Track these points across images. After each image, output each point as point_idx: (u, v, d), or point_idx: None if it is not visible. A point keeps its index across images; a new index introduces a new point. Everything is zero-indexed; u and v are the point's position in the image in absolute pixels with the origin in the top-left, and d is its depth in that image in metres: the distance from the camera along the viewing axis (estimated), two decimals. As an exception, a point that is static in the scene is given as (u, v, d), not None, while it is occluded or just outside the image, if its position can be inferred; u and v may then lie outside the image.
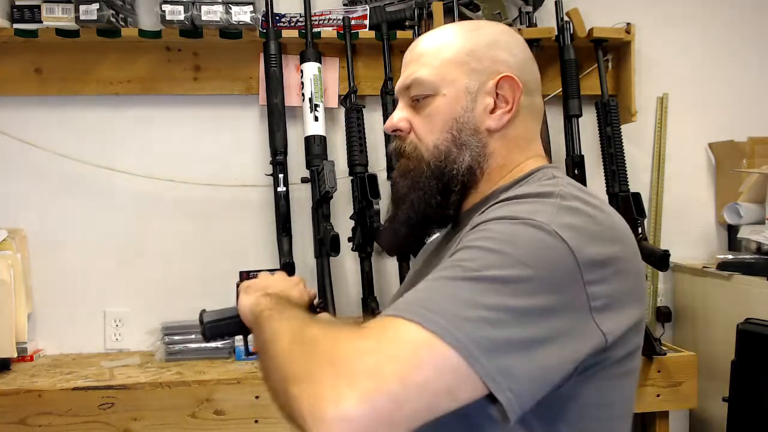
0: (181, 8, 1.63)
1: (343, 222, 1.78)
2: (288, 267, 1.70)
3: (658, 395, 1.67)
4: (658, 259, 1.64)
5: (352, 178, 1.75)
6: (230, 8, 1.66)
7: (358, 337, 0.64)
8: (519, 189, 0.81)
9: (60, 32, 1.66)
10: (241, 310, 0.93)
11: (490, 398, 0.63)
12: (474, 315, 0.63)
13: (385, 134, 1.77)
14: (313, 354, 0.64)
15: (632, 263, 0.75)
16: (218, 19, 1.65)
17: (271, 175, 1.73)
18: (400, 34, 1.78)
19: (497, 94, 0.86)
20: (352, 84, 1.77)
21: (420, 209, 0.88)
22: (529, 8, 1.85)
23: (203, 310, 1.00)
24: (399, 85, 0.91)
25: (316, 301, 1.01)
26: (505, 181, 0.87)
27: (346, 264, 1.86)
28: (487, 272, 0.66)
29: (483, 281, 0.65)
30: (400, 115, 0.90)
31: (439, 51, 0.87)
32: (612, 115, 1.80)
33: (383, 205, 1.71)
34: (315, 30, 1.77)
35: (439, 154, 0.86)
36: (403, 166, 0.90)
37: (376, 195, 1.69)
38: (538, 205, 0.73)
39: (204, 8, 1.64)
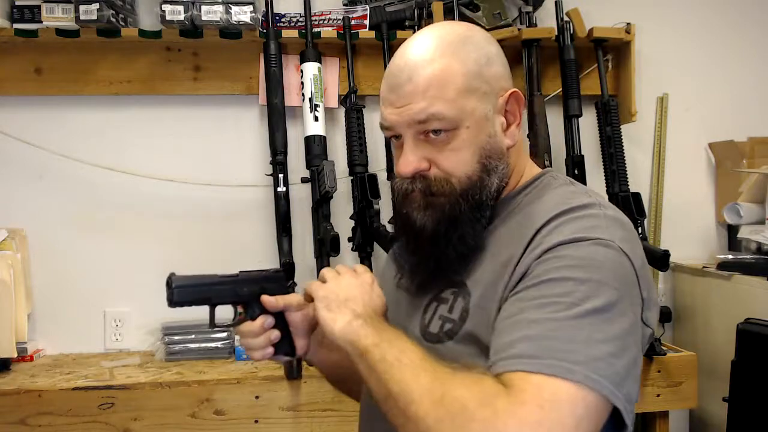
0: (181, 8, 1.63)
1: (343, 222, 1.78)
2: (288, 267, 1.70)
3: (658, 395, 1.67)
4: (658, 260, 1.64)
5: (352, 178, 1.75)
6: (230, 8, 1.66)
7: (517, 403, 0.65)
8: (546, 200, 0.84)
9: (60, 32, 1.66)
10: (331, 332, 0.83)
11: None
12: (600, 353, 0.68)
13: (386, 141, 1.77)
14: (470, 426, 0.65)
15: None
16: (218, 19, 1.65)
17: (271, 175, 1.73)
18: (400, 34, 1.78)
19: (506, 111, 0.86)
20: (352, 84, 1.77)
21: (471, 243, 0.85)
22: (529, 8, 1.85)
23: (172, 273, 0.96)
24: (403, 120, 0.84)
25: None
26: (512, 188, 0.89)
27: (346, 264, 1.85)
28: (588, 305, 0.71)
29: (589, 315, 0.70)
30: (417, 154, 0.84)
31: (447, 80, 0.82)
32: (612, 115, 1.81)
33: (383, 206, 1.72)
34: (315, 30, 1.77)
35: (473, 185, 0.84)
36: (430, 203, 0.85)
37: (376, 195, 1.69)
38: (591, 219, 0.78)
39: (204, 8, 1.64)
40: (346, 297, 0.86)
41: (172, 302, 0.94)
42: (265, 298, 0.97)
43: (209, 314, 0.97)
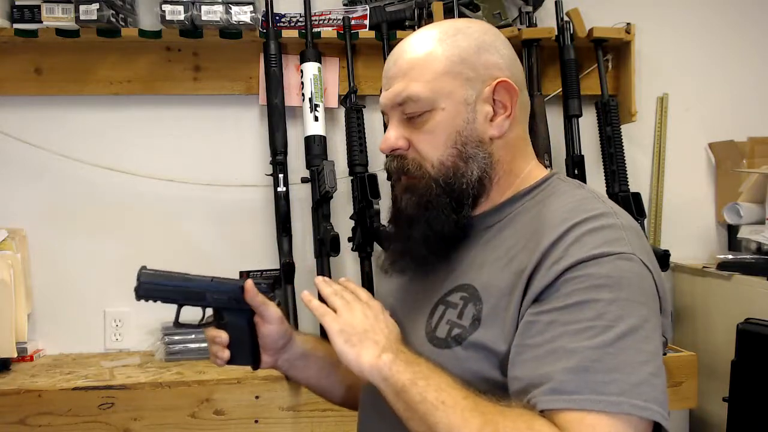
0: (181, 8, 1.63)
1: (343, 222, 1.78)
2: (288, 267, 1.70)
3: (658, 395, 1.67)
4: (658, 259, 1.61)
5: (352, 178, 1.75)
6: (230, 8, 1.66)
7: None
8: (558, 205, 0.82)
9: (60, 32, 1.66)
10: (358, 368, 0.80)
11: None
12: (642, 376, 0.68)
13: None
14: None
15: None
16: (218, 19, 1.65)
17: (271, 175, 1.73)
18: (400, 34, 1.78)
19: (494, 100, 0.85)
20: (352, 84, 1.77)
21: (437, 228, 0.85)
22: (529, 8, 1.85)
23: (143, 267, 0.96)
24: (387, 100, 0.87)
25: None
26: (518, 189, 0.88)
27: (346, 264, 1.86)
28: (622, 326, 0.70)
29: (625, 337, 0.70)
30: (396, 133, 0.87)
31: (428, 63, 0.84)
32: (612, 115, 1.81)
33: (383, 206, 1.72)
34: (315, 30, 1.77)
35: (446, 171, 0.84)
36: (410, 185, 0.87)
37: (376, 195, 1.69)
38: (611, 231, 0.77)
39: (204, 8, 1.64)
40: (365, 328, 0.83)
41: (138, 296, 0.95)
42: (248, 286, 0.96)
43: (175, 313, 0.98)
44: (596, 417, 0.66)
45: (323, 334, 0.87)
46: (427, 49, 0.85)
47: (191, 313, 1.01)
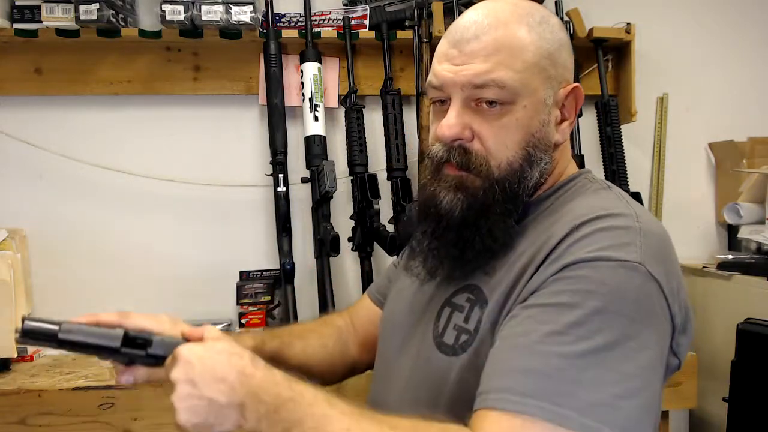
0: (181, 8, 1.63)
1: (343, 222, 1.78)
2: (290, 267, 1.70)
3: (658, 395, 1.67)
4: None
5: (352, 178, 1.75)
6: (230, 8, 1.66)
7: None
8: (576, 205, 0.77)
9: (60, 32, 1.66)
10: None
11: None
12: (601, 398, 0.62)
13: (386, 141, 1.77)
14: None
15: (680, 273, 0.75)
16: (218, 19, 1.65)
17: (271, 175, 1.73)
18: (400, 34, 1.78)
19: (562, 105, 0.79)
20: (352, 84, 1.77)
21: (501, 239, 0.77)
22: (529, 8, 1.85)
23: (24, 318, 0.79)
24: (458, 79, 0.75)
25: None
26: (547, 188, 0.82)
27: (346, 264, 1.86)
28: (600, 339, 0.64)
29: (600, 352, 0.64)
30: (462, 120, 0.76)
31: (518, 49, 0.75)
32: (612, 115, 1.81)
33: (383, 206, 1.72)
34: (315, 30, 1.77)
35: (513, 174, 0.77)
36: (466, 184, 0.77)
37: (376, 195, 1.70)
38: (621, 233, 0.70)
39: (204, 8, 1.64)
40: (212, 378, 0.67)
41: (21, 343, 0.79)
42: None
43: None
44: (541, 425, 0.61)
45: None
46: (516, 33, 0.75)
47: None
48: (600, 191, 0.80)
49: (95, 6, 1.59)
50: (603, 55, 1.86)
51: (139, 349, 0.77)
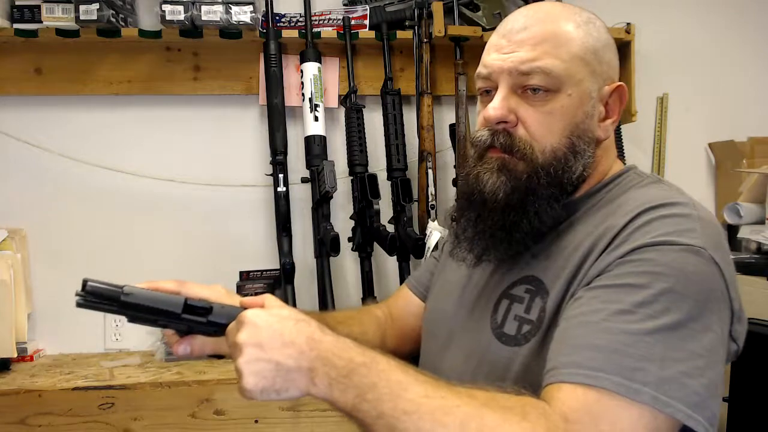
0: (181, 8, 1.63)
1: (343, 222, 1.78)
2: (289, 266, 1.70)
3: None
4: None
5: (352, 178, 1.75)
6: (230, 8, 1.66)
7: (572, 422, 0.62)
8: (633, 197, 0.78)
9: (60, 32, 1.66)
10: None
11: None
12: (673, 372, 0.64)
13: (386, 141, 1.77)
14: None
15: None
16: (218, 19, 1.65)
17: (271, 175, 1.73)
18: (400, 34, 1.78)
19: (606, 102, 0.82)
20: (352, 84, 1.77)
21: (548, 222, 0.79)
22: (529, 8, 1.85)
23: (87, 279, 0.76)
24: (506, 66, 0.78)
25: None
26: (594, 184, 0.84)
27: (346, 264, 1.86)
28: (666, 318, 0.66)
29: (667, 330, 0.65)
30: (507, 104, 0.79)
31: (565, 41, 0.78)
32: (612, 115, 1.80)
33: (383, 206, 1.72)
34: (315, 30, 1.77)
35: (557, 160, 0.78)
36: (510, 167, 0.79)
37: (376, 195, 1.70)
38: (683, 220, 0.72)
39: (204, 8, 1.64)
40: (285, 342, 0.67)
41: (79, 304, 0.76)
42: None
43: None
44: (613, 399, 0.62)
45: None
46: (564, 27, 0.79)
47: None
48: (652, 185, 0.82)
49: (95, 6, 1.59)
50: (603, 55, 1.86)
51: (199, 316, 0.75)
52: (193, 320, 0.76)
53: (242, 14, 1.66)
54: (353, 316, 1.07)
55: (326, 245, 1.65)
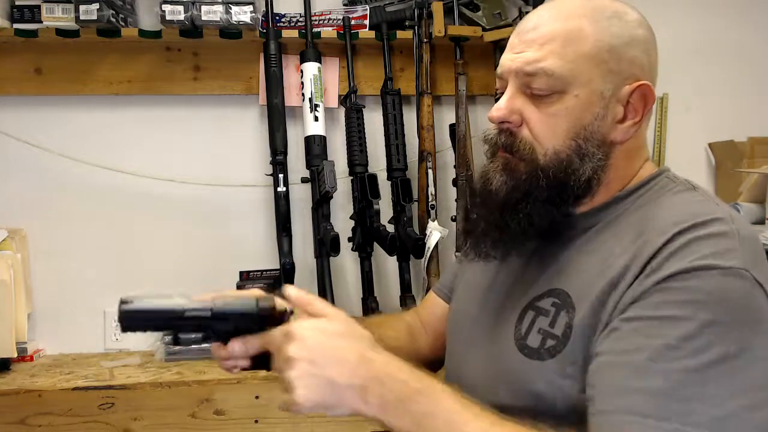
0: (181, 8, 1.63)
1: (343, 222, 1.78)
2: (288, 267, 1.70)
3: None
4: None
5: (352, 178, 1.75)
6: (230, 8, 1.66)
7: None
8: (666, 207, 0.75)
9: (60, 32, 1.66)
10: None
11: None
12: (725, 410, 0.62)
13: (386, 141, 1.77)
14: None
15: None
16: (218, 19, 1.65)
17: (271, 175, 1.73)
18: (400, 34, 1.78)
19: (628, 102, 0.77)
20: (352, 84, 1.77)
21: (538, 224, 0.78)
22: (529, 8, 1.84)
23: (122, 301, 0.75)
24: (513, 66, 0.78)
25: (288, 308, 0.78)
26: (620, 188, 0.81)
27: (346, 264, 1.86)
28: (714, 352, 0.63)
29: (716, 365, 0.63)
30: (511, 104, 0.78)
31: (574, 39, 0.75)
32: (612, 115, 1.80)
33: (383, 206, 1.72)
34: (315, 30, 1.77)
35: (559, 163, 0.76)
36: (511, 167, 0.79)
37: (376, 195, 1.70)
38: (723, 240, 0.68)
39: (204, 8, 1.64)
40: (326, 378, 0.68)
41: (123, 328, 0.77)
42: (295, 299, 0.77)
43: (172, 337, 0.81)
44: None
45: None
46: (576, 24, 0.76)
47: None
48: (685, 192, 0.78)
49: (95, 6, 1.59)
50: (603, 55, 1.86)
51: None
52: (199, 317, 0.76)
53: (242, 14, 1.66)
54: (384, 322, 1.08)
55: (326, 245, 1.65)
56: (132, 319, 0.76)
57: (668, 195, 0.78)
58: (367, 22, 1.80)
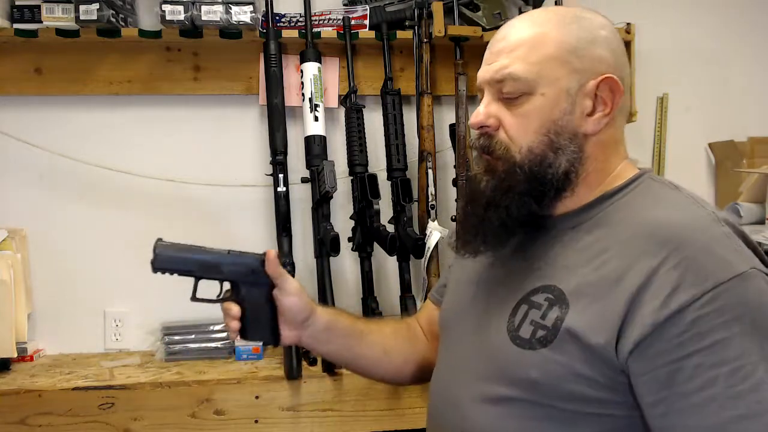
0: (181, 8, 1.63)
1: (343, 222, 1.78)
2: (288, 267, 1.70)
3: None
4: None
5: (352, 178, 1.75)
6: (230, 8, 1.66)
7: None
8: (656, 207, 0.80)
9: (60, 32, 1.66)
10: None
11: None
12: None
13: (386, 141, 1.77)
14: None
15: None
16: (218, 19, 1.65)
17: (271, 175, 1.73)
18: (400, 34, 1.78)
19: (596, 96, 0.82)
20: (352, 84, 1.77)
21: (515, 215, 0.83)
22: (529, 8, 1.85)
23: (159, 239, 1.00)
24: (486, 76, 0.85)
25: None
26: (607, 187, 0.85)
27: (346, 264, 1.86)
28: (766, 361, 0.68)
29: None
30: (488, 110, 0.85)
31: (537, 44, 0.82)
32: (612, 115, 1.80)
33: (383, 205, 1.72)
34: (315, 30, 1.77)
35: (533, 158, 0.82)
36: (492, 167, 0.85)
37: (376, 195, 1.69)
38: (724, 247, 0.74)
39: (204, 8, 1.64)
40: None
41: (154, 268, 0.97)
42: (271, 255, 0.97)
43: (193, 286, 0.98)
44: None
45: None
46: (540, 30, 0.83)
47: (210, 291, 1.01)
48: (670, 193, 0.83)
49: (95, 6, 1.59)
50: (603, 55, 1.86)
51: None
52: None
53: (242, 14, 1.66)
54: (383, 321, 1.14)
55: (326, 245, 1.65)
56: (164, 256, 0.97)
57: (653, 197, 0.83)
58: (367, 22, 1.80)
